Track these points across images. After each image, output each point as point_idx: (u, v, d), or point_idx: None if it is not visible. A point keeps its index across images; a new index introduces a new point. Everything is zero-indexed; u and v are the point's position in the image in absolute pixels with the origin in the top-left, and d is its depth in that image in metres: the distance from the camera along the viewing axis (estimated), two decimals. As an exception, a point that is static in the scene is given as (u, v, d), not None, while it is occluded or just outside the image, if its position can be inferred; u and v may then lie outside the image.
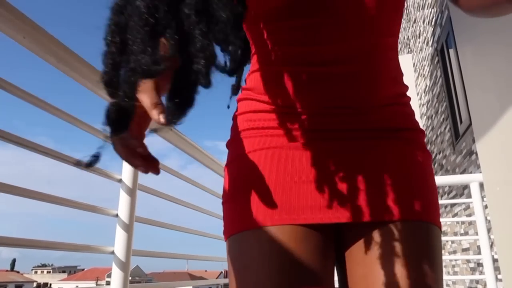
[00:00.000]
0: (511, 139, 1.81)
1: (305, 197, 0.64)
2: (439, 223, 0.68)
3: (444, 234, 4.93)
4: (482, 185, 2.34)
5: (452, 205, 4.46)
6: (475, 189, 2.36)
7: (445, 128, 4.69)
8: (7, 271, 67.65)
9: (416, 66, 6.15)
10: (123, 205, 1.28)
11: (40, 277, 67.95)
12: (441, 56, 4.68)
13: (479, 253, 2.37)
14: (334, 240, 0.68)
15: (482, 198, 2.35)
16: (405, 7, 0.81)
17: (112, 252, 1.23)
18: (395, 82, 0.74)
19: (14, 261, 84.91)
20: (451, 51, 4.25)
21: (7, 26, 0.87)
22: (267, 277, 0.60)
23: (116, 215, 1.27)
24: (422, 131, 0.76)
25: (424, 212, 0.66)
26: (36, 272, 72.69)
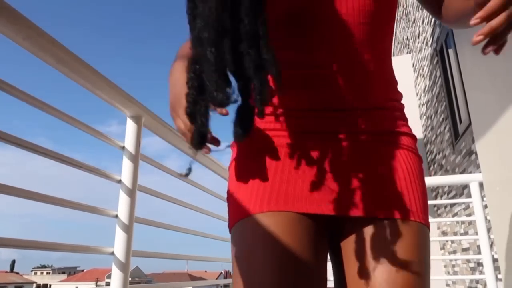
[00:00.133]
0: (510, 139, 1.81)
1: (300, 190, 0.71)
2: (427, 223, 0.74)
3: (444, 234, 4.93)
4: (481, 184, 2.33)
5: (452, 205, 4.46)
6: (474, 189, 2.36)
7: (444, 128, 4.70)
8: (6, 272, 67.61)
9: (416, 66, 6.15)
10: (123, 205, 1.28)
11: (40, 278, 67.91)
12: (440, 56, 4.68)
13: (479, 253, 2.37)
14: (330, 233, 0.75)
15: (482, 198, 2.35)
16: (396, 17, 0.86)
17: (112, 253, 1.24)
18: (387, 88, 0.80)
19: (14, 262, 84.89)
20: (451, 51, 4.25)
21: (7, 27, 0.87)
22: (261, 258, 0.66)
23: (116, 216, 1.27)
24: (414, 136, 0.82)
25: (413, 212, 0.71)
26: (35, 273, 72.61)
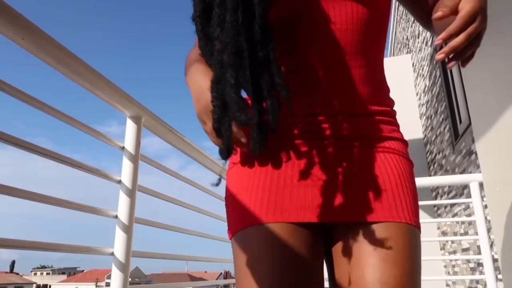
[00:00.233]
0: (510, 139, 1.81)
1: (295, 199, 0.74)
2: (418, 224, 0.76)
3: (444, 234, 4.93)
4: (481, 185, 2.33)
5: (452, 205, 4.46)
6: (474, 189, 2.35)
7: (444, 128, 4.70)
8: (6, 272, 67.58)
9: (415, 66, 6.15)
10: (123, 206, 1.28)
11: (40, 278, 67.90)
12: (440, 56, 4.67)
13: (479, 253, 2.37)
14: (324, 238, 0.77)
15: (482, 198, 2.35)
16: (394, 19, 0.91)
17: (112, 254, 1.23)
18: (379, 94, 0.83)
19: (14, 262, 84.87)
20: (450, 51, 4.25)
21: (5, 27, 0.87)
22: (262, 266, 0.70)
23: (116, 216, 1.27)
24: (405, 141, 0.86)
25: (404, 214, 0.74)
26: (35, 274, 72.62)
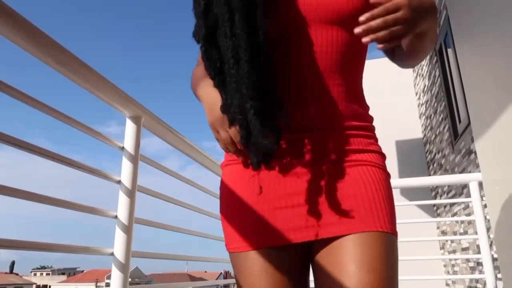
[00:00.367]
0: (510, 138, 1.81)
1: (279, 222, 0.82)
2: (394, 232, 0.81)
3: (444, 233, 4.94)
4: (481, 184, 2.33)
5: (452, 204, 4.46)
6: (474, 188, 2.36)
7: (444, 128, 4.70)
8: (6, 273, 67.53)
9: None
10: (122, 206, 1.28)
11: (39, 279, 67.82)
12: (439, 56, 4.68)
13: (479, 252, 2.37)
14: (307, 253, 0.85)
15: (481, 197, 2.35)
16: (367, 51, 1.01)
17: (112, 254, 1.23)
18: (358, 110, 0.88)
19: (13, 263, 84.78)
20: (450, 50, 4.25)
21: (5, 28, 0.87)
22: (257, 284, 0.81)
23: (116, 217, 1.27)
24: (383, 154, 0.90)
25: (380, 223, 0.79)
26: (35, 274, 72.55)
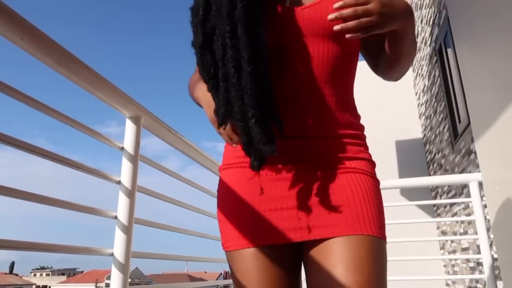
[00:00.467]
0: (509, 138, 1.81)
1: (271, 223, 0.86)
2: (382, 235, 0.84)
3: (444, 233, 4.93)
4: (481, 184, 2.33)
5: (451, 204, 4.46)
6: (474, 188, 2.36)
7: (443, 128, 4.70)
8: (6, 274, 67.49)
9: (415, 66, 6.15)
10: (122, 207, 1.28)
11: (39, 279, 67.81)
12: (439, 56, 4.68)
13: (479, 252, 2.37)
14: (300, 254, 0.89)
15: (481, 197, 2.35)
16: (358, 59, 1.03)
17: (112, 254, 1.23)
18: (349, 119, 0.92)
19: (13, 264, 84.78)
20: (449, 50, 4.25)
21: (4, 28, 0.87)
22: (252, 283, 0.85)
23: (115, 217, 1.27)
24: (372, 162, 0.94)
25: (367, 227, 0.83)
26: (35, 275, 72.52)
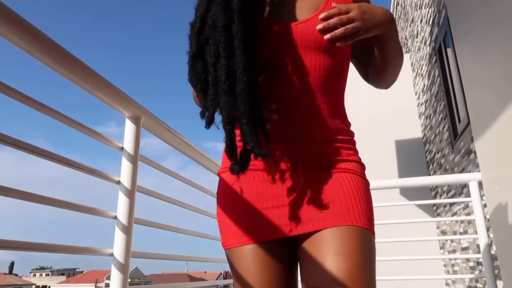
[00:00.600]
0: (509, 138, 1.81)
1: (267, 220, 0.92)
2: (370, 228, 0.91)
3: (443, 233, 4.94)
4: (481, 184, 2.33)
5: (451, 204, 4.46)
6: (474, 188, 2.36)
7: (443, 128, 4.70)
8: (5, 274, 67.46)
9: (414, 65, 6.16)
10: (122, 207, 1.28)
11: (39, 280, 67.80)
12: (439, 56, 4.68)
13: (479, 252, 2.38)
14: (294, 246, 0.94)
15: (481, 197, 2.35)
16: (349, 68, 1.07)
17: (111, 254, 1.23)
18: (340, 124, 0.99)
19: (13, 264, 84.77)
20: (449, 50, 4.25)
21: (4, 28, 0.87)
22: (251, 278, 0.91)
23: (115, 217, 1.27)
24: (362, 164, 1.01)
25: (356, 219, 0.89)
26: (34, 275, 72.50)
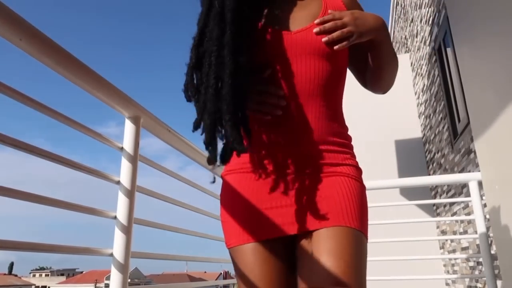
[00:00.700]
0: (509, 137, 1.81)
1: (268, 220, 0.97)
2: (362, 229, 0.95)
3: (443, 233, 4.94)
4: (480, 183, 2.33)
5: (451, 204, 4.46)
6: (474, 187, 2.36)
7: (443, 127, 4.70)
8: (5, 274, 67.46)
9: (414, 65, 6.16)
10: (122, 207, 1.28)
11: (39, 280, 67.78)
12: (438, 55, 4.68)
13: (479, 251, 2.37)
14: (292, 245, 0.98)
15: (481, 196, 2.35)
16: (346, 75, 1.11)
17: (111, 255, 1.23)
18: (338, 129, 1.03)
19: (12, 264, 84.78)
20: (449, 50, 4.25)
21: (4, 28, 0.87)
22: (253, 274, 0.95)
23: (115, 217, 1.26)
24: (359, 168, 1.05)
25: (349, 220, 0.93)
26: (34, 276, 72.46)
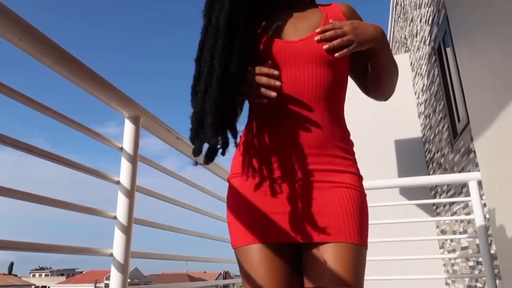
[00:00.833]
0: (509, 137, 1.81)
1: (274, 224, 0.99)
2: (362, 243, 0.98)
3: (443, 232, 4.94)
4: (480, 183, 2.33)
5: (451, 203, 4.46)
6: (473, 187, 2.36)
7: (443, 127, 4.70)
8: (5, 274, 67.42)
9: (414, 65, 6.16)
10: (122, 207, 1.28)
11: (38, 280, 67.76)
12: (438, 55, 4.68)
13: (478, 251, 2.37)
14: (298, 254, 1.01)
15: (481, 196, 2.35)
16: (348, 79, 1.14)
17: (111, 255, 1.23)
18: (341, 136, 1.05)
19: (12, 264, 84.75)
20: (449, 49, 4.25)
21: (3, 28, 0.87)
22: (259, 274, 0.97)
23: (115, 217, 1.26)
24: (360, 176, 1.06)
25: (349, 236, 0.96)
26: (34, 276, 72.44)
